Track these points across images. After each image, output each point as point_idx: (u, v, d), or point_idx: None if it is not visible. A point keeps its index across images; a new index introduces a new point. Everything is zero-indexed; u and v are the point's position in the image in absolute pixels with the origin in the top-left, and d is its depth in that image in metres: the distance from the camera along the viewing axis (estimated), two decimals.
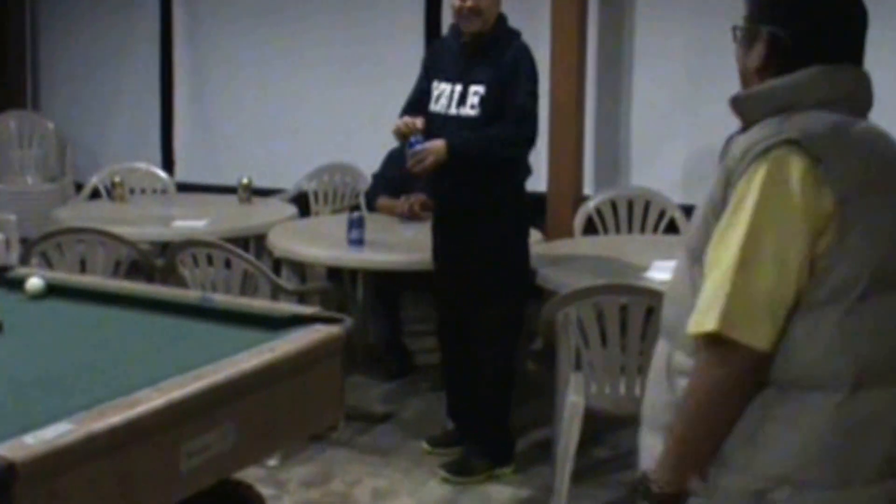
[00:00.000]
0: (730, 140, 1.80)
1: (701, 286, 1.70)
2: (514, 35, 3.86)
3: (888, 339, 1.68)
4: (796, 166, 1.63)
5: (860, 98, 1.78)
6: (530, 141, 3.82)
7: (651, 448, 1.81)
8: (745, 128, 1.77)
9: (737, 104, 1.80)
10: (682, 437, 1.72)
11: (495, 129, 3.75)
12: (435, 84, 3.89)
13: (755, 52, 1.78)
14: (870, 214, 1.66)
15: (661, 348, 1.85)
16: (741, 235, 1.63)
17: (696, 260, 1.74)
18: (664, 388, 1.79)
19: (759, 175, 1.64)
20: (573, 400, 3.49)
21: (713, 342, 1.65)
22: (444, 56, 3.93)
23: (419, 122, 3.75)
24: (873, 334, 1.66)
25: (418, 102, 3.93)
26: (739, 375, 1.65)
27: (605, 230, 5.20)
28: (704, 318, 1.65)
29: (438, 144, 3.72)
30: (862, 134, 1.73)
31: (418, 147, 3.73)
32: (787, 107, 1.71)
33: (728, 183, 1.69)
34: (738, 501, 1.68)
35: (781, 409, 1.66)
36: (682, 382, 1.74)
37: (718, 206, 1.70)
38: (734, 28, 1.83)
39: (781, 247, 1.63)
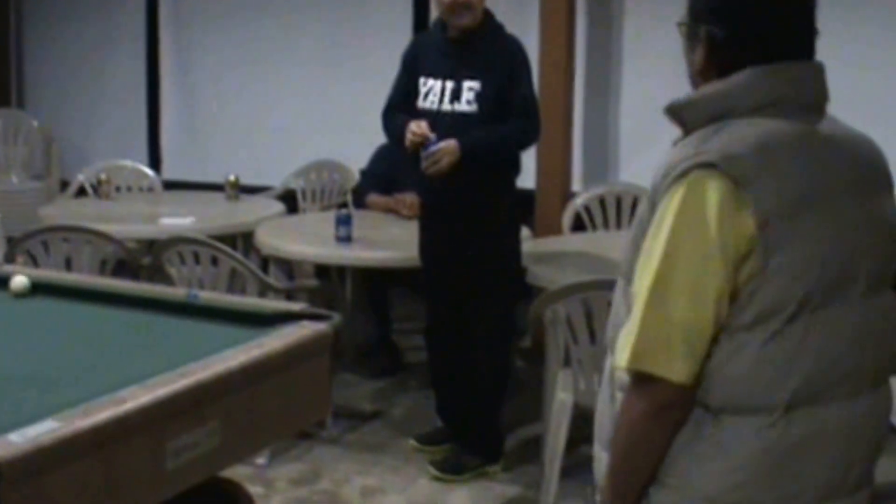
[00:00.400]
0: (675, 144, 1.72)
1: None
2: (502, 29, 3.85)
3: (821, 357, 1.61)
4: (713, 191, 1.55)
5: (806, 96, 1.68)
6: (538, 134, 3.86)
7: (598, 460, 1.79)
8: (687, 134, 1.69)
9: (672, 113, 1.71)
10: (616, 465, 1.70)
11: (506, 125, 3.75)
12: (422, 81, 3.87)
13: (697, 52, 1.70)
14: (801, 232, 1.58)
15: (607, 362, 1.82)
16: (655, 266, 1.57)
17: (629, 281, 1.69)
18: (607, 401, 1.76)
19: (675, 200, 1.57)
20: (562, 397, 3.49)
21: (633, 376, 1.61)
22: (430, 52, 3.91)
23: (423, 124, 3.73)
24: (805, 354, 1.60)
25: (404, 101, 3.91)
26: (660, 408, 1.61)
27: (594, 227, 5.20)
28: (621, 352, 1.61)
29: (452, 145, 3.69)
30: (800, 141, 1.63)
31: (433, 148, 3.69)
32: (722, 114, 1.63)
33: (653, 204, 1.63)
34: None
35: (711, 431, 1.62)
36: (621, 397, 1.70)
37: (646, 227, 1.64)
38: (679, 24, 1.75)
39: (696, 277, 1.55)
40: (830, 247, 1.61)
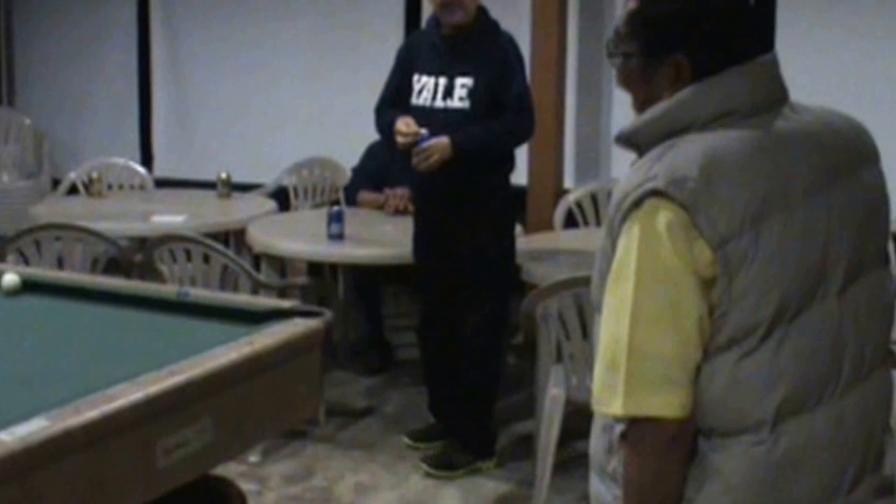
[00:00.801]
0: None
1: None
2: (496, 26, 3.86)
3: (801, 367, 1.58)
4: (665, 220, 1.52)
5: (762, 95, 1.64)
6: (531, 131, 3.86)
7: (598, 495, 1.76)
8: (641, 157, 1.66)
9: (623, 142, 1.68)
10: None
11: (498, 122, 3.75)
12: (416, 78, 3.88)
13: (659, 80, 1.66)
14: (763, 247, 1.54)
15: None
16: (629, 308, 1.53)
17: (600, 313, 1.65)
18: (600, 430, 1.74)
19: (633, 235, 1.54)
20: (554, 393, 3.49)
21: (630, 422, 1.57)
22: (424, 49, 3.92)
23: (411, 121, 3.75)
24: (785, 368, 1.57)
25: (396, 98, 3.92)
26: (667, 445, 1.57)
27: (586, 223, 5.20)
28: (608, 399, 1.57)
29: (443, 142, 3.70)
30: (754, 148, 1.58)
31: (424, 145, 3.71)
32: (676, 131, 1.60)
33: (610, 234, 1.59)
34: None
35: (706, 454, 1.60)
36: (616, 427, 1.66)
37: (607, 258, 1.60)
38: (623, 57, 1.70)
39: (673, 308, 1.53)
40: (799, 252, 1.58)
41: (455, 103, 3.77)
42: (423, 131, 3.71)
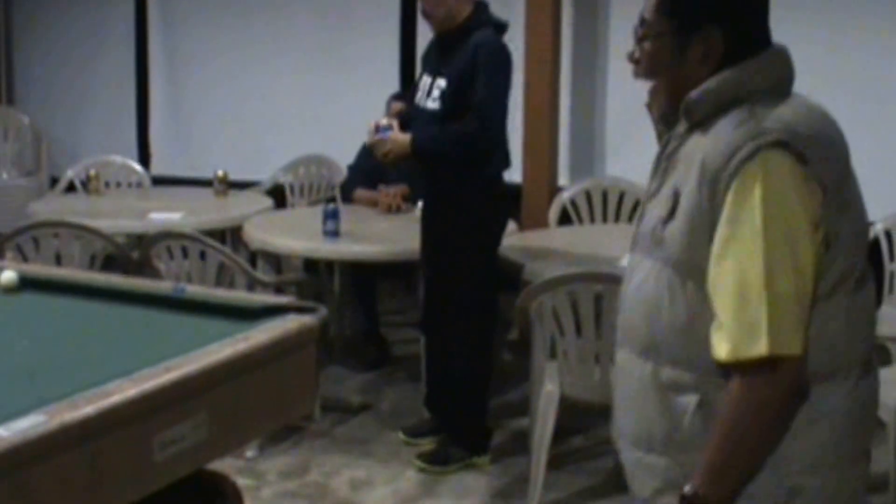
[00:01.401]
0: (669, 140, 1.79)
1: (698, 303, 1.67)
2: (485, 25, 3.81)
3: (874, 318, 1.75)
4: (787, 167, 1.61)
5: (793, 73, 1.78)
6: (487, 139, 3.75)
7: (656, 468, 1.77)
8: (691, 127, 1.74)
9: (692, 109, 1.74)
10: (740, 459, 1.65)
11: (457, 126, 3.77)
12: (421, 77, 3.94)
13: (691, 53, 1.74)
14: (851, 199, 1.69)
15: (635, 364, 1.79)
16: (760, 251, 1.60)
17: (687, 275, 1.69)
18: (654, 405, 1.75)
19: (754, 185, 1.61)
20: (548, 389, 3.51)
21: (757, 365, 1.60)
22: (432, 49, 4.01)
23: (378, 121, 3.90)
24: (873, 312, 1.73)
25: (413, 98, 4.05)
26: (790, 386, 1.62)
27: (580, 220, 5.22)
28: (747, 343, 1.59)
29: (402, 138, 3.78)
30: (822, 114, 1.73)
31: (378, 136, 3.84)
32: (734, 100, 1.69)
33: (714, 189, 1.64)
34: (772, 498, 1.68)
35: (812, 399, 1.66)
36: (683, 399, 1.70)
37: (706, 215, 1.66)
38: (656, 35, 1.78)
39: (795, 250, 1.60)
40: (864, 210, 1.73)
41: (430, 104, 3.82)
42: (383, 121, 3.86)
